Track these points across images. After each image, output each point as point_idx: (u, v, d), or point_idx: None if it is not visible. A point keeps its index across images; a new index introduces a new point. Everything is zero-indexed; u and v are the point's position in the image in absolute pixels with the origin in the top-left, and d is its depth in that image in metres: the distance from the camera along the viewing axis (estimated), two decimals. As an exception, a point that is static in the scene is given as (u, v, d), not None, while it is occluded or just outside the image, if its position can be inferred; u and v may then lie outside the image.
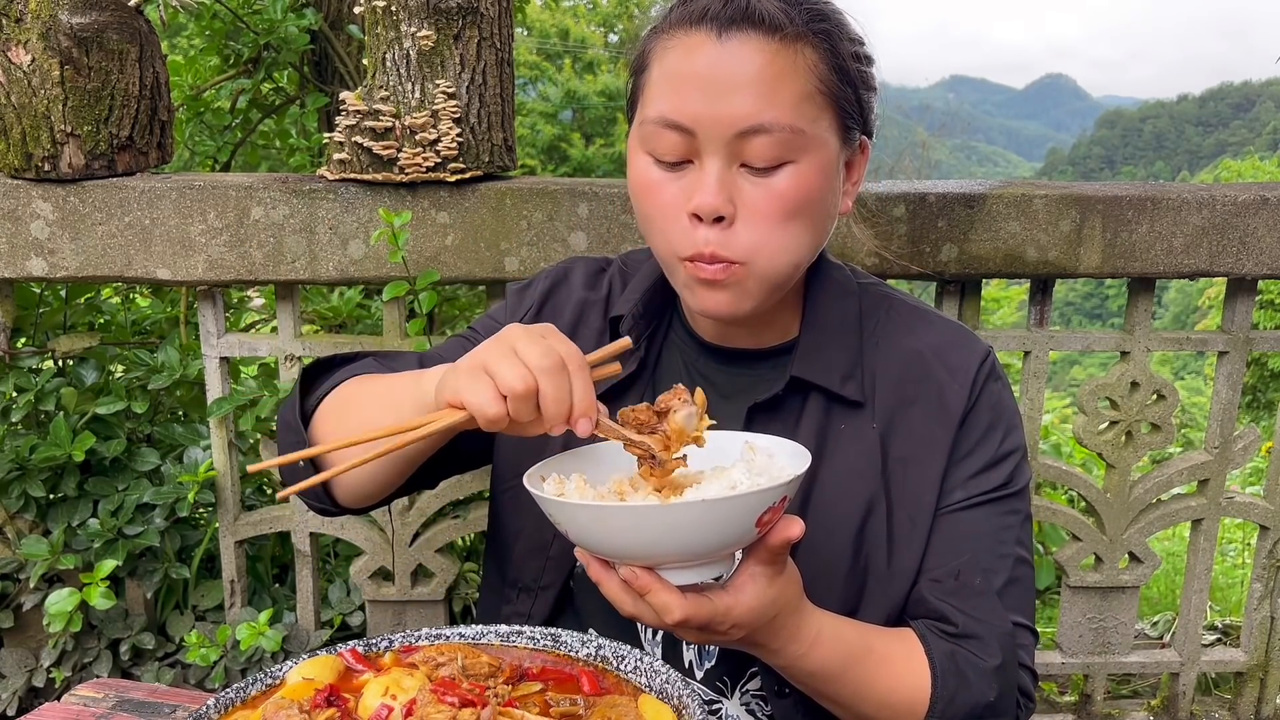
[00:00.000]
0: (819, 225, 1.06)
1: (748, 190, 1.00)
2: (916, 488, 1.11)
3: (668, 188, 1.03)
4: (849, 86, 1.03)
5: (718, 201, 0.99)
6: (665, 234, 1.04)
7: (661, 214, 1.04)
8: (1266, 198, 2.03)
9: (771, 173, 1.00)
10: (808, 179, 1.01)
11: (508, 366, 0.89)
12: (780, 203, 1.00)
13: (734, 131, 0.98)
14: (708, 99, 0.98)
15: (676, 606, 0.88)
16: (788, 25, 0.98)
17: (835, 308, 1.15)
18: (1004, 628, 1.08)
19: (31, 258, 1.96)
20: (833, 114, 1.03)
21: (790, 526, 0.89)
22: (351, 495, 1.15)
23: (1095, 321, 42.80)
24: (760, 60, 0.98)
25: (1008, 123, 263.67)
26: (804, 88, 0.99)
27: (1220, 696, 2.58)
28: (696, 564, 0.88)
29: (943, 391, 1.12)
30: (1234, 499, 2.30)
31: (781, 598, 0.95)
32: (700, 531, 0.84)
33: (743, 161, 1.00)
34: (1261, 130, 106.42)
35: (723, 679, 1.15)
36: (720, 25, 0.98)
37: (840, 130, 1.04)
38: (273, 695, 0.88)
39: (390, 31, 1.90)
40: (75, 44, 1.87)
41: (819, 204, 1.04)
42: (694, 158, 1.01)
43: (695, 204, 1.00)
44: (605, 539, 0.87)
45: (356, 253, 1.98)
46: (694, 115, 0.99)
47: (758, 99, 0.97)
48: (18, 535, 2.16)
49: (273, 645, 2.06)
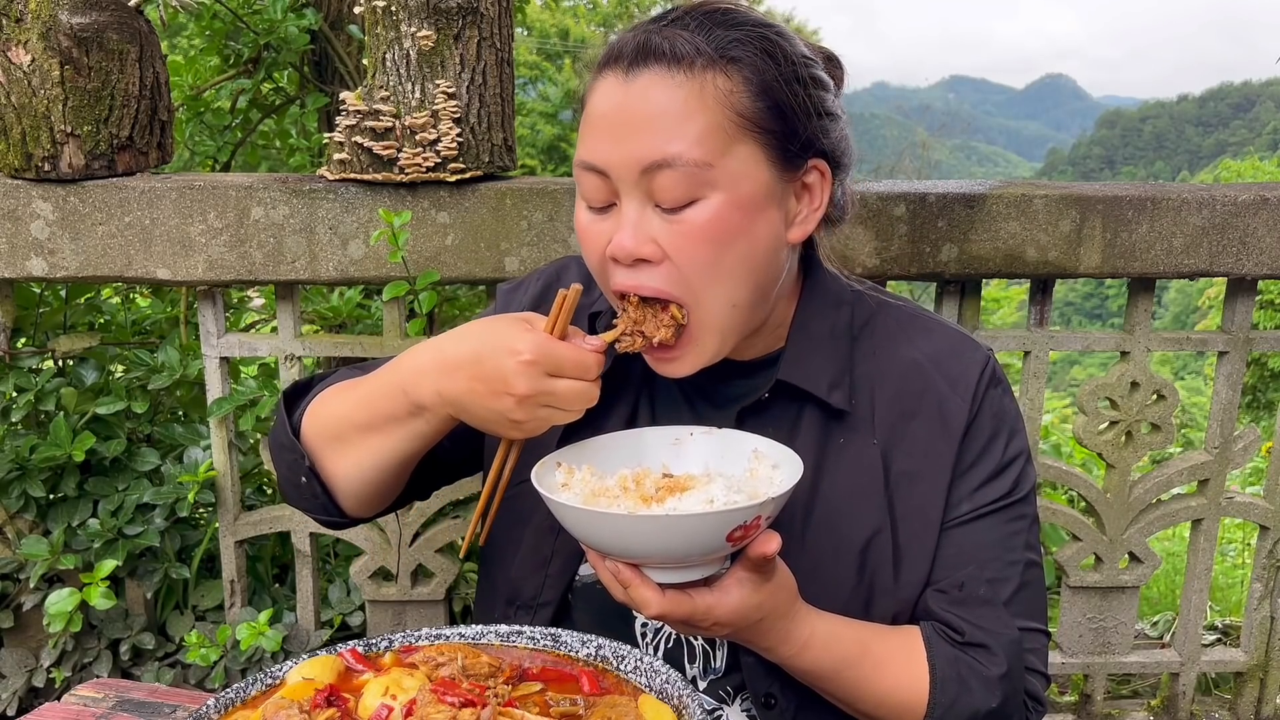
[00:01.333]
0: (751, 262, 1.01)
1: (664, 230, 0.98)
2: (921, 503, 1.10)
3: (596, 227, 1.03)
4: (779, 119, 0.99)
5: (632, 244, 0.98)
6: (598, 275, 1.06)
7: (594, 256, 1.04)
8: (1266, 198, 2.03)
9: (682, 211, 0.97)
10: (721, 214, 0.97)
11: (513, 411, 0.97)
12: (693, 240, 0.97)
13: (639, 169, 0.96)
14: (615, 139, 0.97)
15: (654, 602, 0.91)
16: (695, 56, 0.96)
17: (826, 316, 1.14)
18: (1010, 635, 1.08)
19: (31, 258, 1.96)
20: (755, 144, 0.98)
21: (767, 542, 0.91)
22: (356, 502, 1.15)
23: (1095, 321, 42.80)
24: (663, 96, 0.96)
25: (1008, 123, 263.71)
26: (713, 120, 0.96)
27: (1220, 696, 2.58)
28: (677, 567, 0.92)
29: (943, 404, 1.11)
30: (1234, 499, 2.30)
31: (768, 603, 0.96)
32: (671, 541, 0.88)
33: (655, 201, 0.98)
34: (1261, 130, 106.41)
35: (727, 689, 1.16)
36: (628, 64, 0.98)
37: (774, 160, 1.00)
38: (273, 695, 0.88)
39: (390, 31, 1.90)
40: (75, 44, 1.87)
41: (741, 240, 0.99)
42: (615, 199, 1.00)
43: (613, 248, 1.00)
44: (588, 537, 0.92)
45: (356, 253, 1.98)
46: (604, 157, 0.98)
47: (659, 134, 0.95)
48: (18, 535, 2.16)
49: (273, 645, 2.06)
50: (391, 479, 1.13)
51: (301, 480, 1.14)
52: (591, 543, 0.93)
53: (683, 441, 1.05)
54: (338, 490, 1.14)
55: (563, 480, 0.99)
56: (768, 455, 1.00)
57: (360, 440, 1.08)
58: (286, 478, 1.17)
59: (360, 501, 1.15)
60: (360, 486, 1.13)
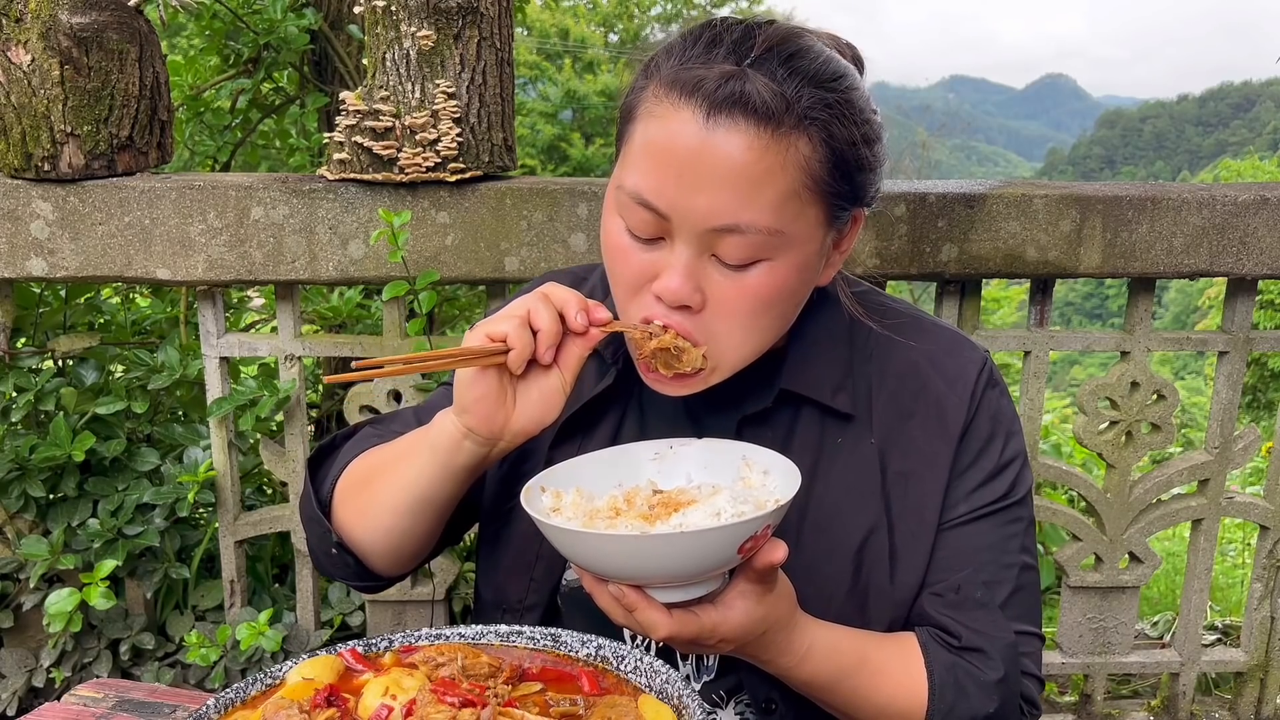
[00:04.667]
0: (789, 312, 1.03)
1: (717, 281, 0.96)
2: (918, 503, 1.10)
3: (637, 255, 0.98)
4: (844, 180, 0.97)
5: (684, 292, 0.95)
6: (626, 298, 1.02)
7: (627, 281, 1.00)
8: (1266, 198, 2.03)
9: (744, 269, 0.95)
10: (782, 276, 0.96)
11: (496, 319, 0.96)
12: (750, 300, 0.96)
13: (708, 227, 0.93)
14: (684, 188, 0.92)
15: (663, 624, 0.89)
16: (784, 115, 0.91)
17: (825, 319, 1.13)
18: (1007, 639, 1.08)
19: (31, 258, 1.96)
20: (821, 207, 0.97)
21: (774, 551, 0.89)
22: (389, 560, 1.15)
23: (1095, 321, 42.79)
24: (747, 157, 0.90)
25: (1008, 123, 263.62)
26: (790, 187, 0.93)
27: (1220, 696, 2.58)
28: (682, 585, 0.89)
29: (941, 403, 1.11)
30: (1234, 499, 2.30)
31: (771, 615, 0.95)
32: (682, 560, 0.85)
33: (714, 253, 0.95)
34: (1261, 130, 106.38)
35: (719, 693, 1.15)
36: (710, 105, 0.91)
37: (828, 220, 0.99)
38: (273, 695, 0.88)
39: (390, 31, 1.90)
40: (75, 44, 1.87)
41: (792, 297, 1.00)
42: (666, 236, 0.96)
43: (659, 288, 0.96)
44: (592, 561, 0.89)
45: (356, 253, 1.98)
46: (670, 202, 0.93)
47: (736, 198, 0.91)
48: (18, 535, 2.16)
49: (273, 645, 2.06)
50: (430, 527, 1.12)
51: (332, 551, 1.14)
52: (598, 566, 0.89)
53: (664, 456, 1.03)
54: (369, 555, 1.13)
55: (552, 505, 0.95)
56: (757, 461, 0.98)
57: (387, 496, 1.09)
58: (317, 547, 1.17)
59: (396, 560, 1.14)
60: (396, 546, 1.12)
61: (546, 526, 0.88)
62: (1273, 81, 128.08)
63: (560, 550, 0.91)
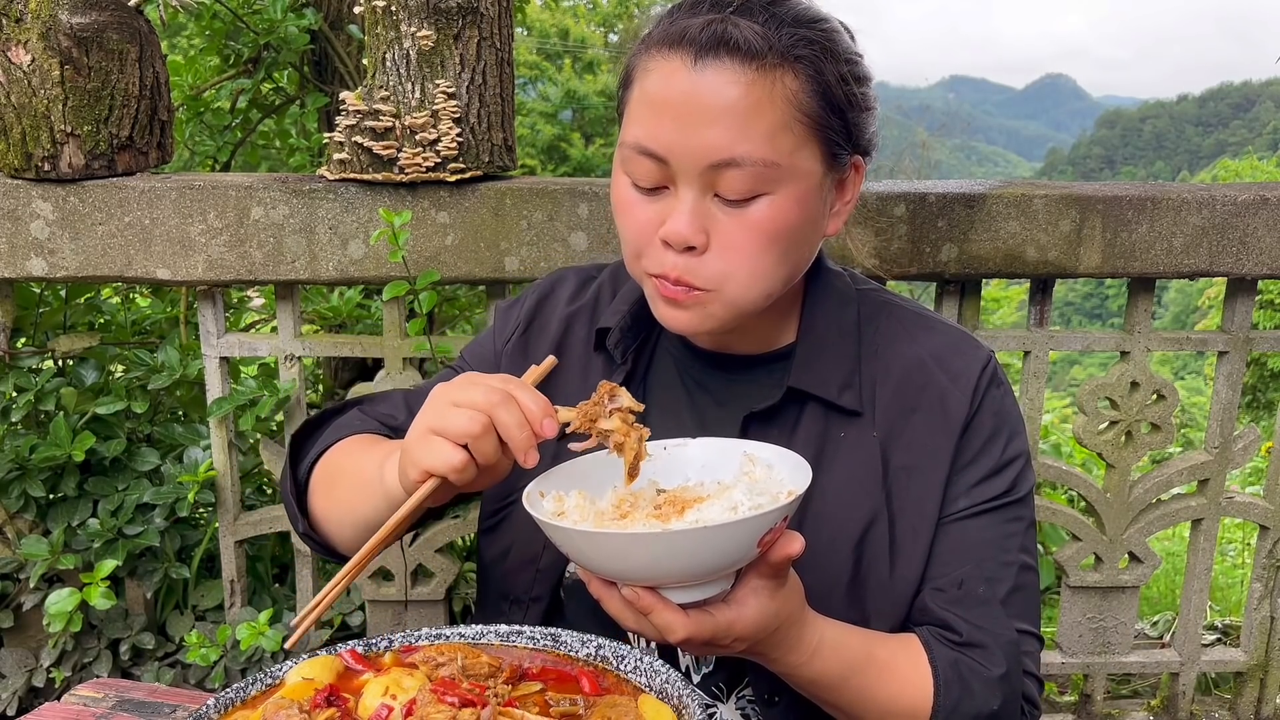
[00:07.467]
0: (796, 253, 1.05)
1: (721, 220, 1.00)
2: (919, 497, 1.10)
3: (643, 208, 1.03)
4: (835, 114, 1.01)
5: (689, 232, 0.99)
6: (636, 251, 1.05)
7: (635, 233, 1.04)
8: (1266, 198, 2.03)
9: (745, 204, 0.99)
10: (783, 210, 1.00)
11: (453, 417, 0.91)
12: (754, 234, 1.00)
13: (706, 163, 0.97)
14: (680, 129, 0.97)
15: (680, 626, 0.88)
16: (766, 53, 0.96)
17: (833, 315, 1.14)
18: (1008, 636, 1.08)
19: (31, 258, 1.96)
20: (815, 142, 1.00)
21: (791, 543, 0.89)
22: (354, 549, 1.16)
23: (1095, 321, 42.80)
24: (735, 91, 0.95)
25: (1008, 123, 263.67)
26: (781, 119, 0.97)
27: (1220, 696, 2.58)
28: (697, 584, 0.88)
29: (944, 398, 1.12)
30: (1234, 499, 2.30)
31: (784, 610, 0.94)
32: (702, 556, 0.84)
33: (716, 192, 0.99)
34: (1261, 130, 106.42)
35: (719, 685, 1.15)
36: (697, 50, 0.96)
37: (826, 157, 1.02)
38: (273, 695, 0.88)
39: (390, 31, 1.90)
40: (75, 44, 1.87)
41: (795, 233, 1.02)
42: (669, 184, 1.00)
43: (665, 231, 1.00)
44: (606, 562, 0.87)
45: (356, 253, 1.98)
46: (667, 145, 0.98)
47: (730, 132, 0.96)
48: (18, 535, 2.16)
49: (273, 645, 2.06)
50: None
51: (300, 530, 1.18)
52: (614, 568, 0.87)
53: (659, 457, 1.02)
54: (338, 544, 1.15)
55: (555, 509, 0.94)
56: (760, 457, 0.98)
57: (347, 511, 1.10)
58: (292, 517, 1.20)
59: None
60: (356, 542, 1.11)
61: (558, 530, 0.86)
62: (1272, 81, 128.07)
63: (571, 555, 0.90)
